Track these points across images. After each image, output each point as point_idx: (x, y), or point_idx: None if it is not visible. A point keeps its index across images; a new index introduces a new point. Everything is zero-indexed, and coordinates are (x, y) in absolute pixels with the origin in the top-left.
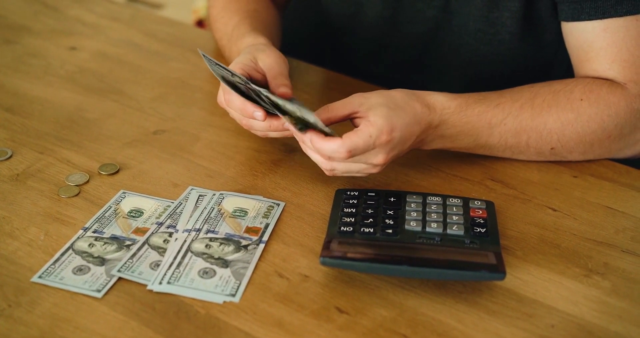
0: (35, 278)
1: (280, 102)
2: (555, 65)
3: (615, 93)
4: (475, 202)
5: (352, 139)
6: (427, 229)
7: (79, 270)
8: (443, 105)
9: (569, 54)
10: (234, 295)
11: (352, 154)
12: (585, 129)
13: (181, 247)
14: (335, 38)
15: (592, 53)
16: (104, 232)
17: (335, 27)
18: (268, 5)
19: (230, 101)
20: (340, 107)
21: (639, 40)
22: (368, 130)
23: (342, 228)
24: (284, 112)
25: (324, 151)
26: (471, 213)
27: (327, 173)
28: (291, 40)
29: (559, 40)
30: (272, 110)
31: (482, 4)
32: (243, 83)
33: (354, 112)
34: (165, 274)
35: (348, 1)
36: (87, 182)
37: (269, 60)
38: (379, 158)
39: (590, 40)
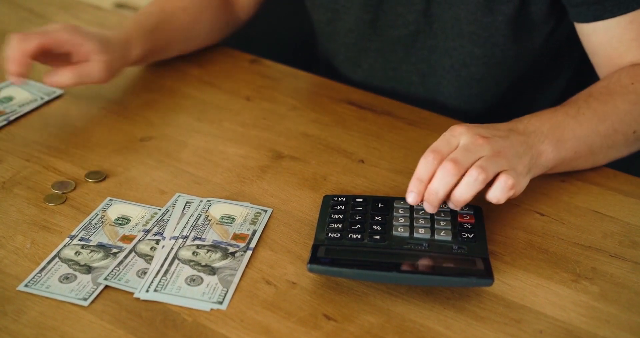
0: (21, 287)
1: None
2: (543, 66)
3: None
4: (463, 208)
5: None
6: (415, 235)
7: (66, 278)
8: (516, 119)
9: (592, 55)
10: (221, 303)
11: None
12: None
13: (168, 255)
14: (319, 44)
15: (623, 47)
16: (91, 240)
17: (317, 33)
18: (217, 5)
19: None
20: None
21: None
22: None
23: (329, 234)
24: None
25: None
26: (459, 219)
27: (507, 185)
28: (281, 45)
29: (546, 43)
30: None
31: (476, 8)
32: None
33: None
34: (152, 282)
35: (323, 7)
36: (74, 189)
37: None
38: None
39: (618, 35)
